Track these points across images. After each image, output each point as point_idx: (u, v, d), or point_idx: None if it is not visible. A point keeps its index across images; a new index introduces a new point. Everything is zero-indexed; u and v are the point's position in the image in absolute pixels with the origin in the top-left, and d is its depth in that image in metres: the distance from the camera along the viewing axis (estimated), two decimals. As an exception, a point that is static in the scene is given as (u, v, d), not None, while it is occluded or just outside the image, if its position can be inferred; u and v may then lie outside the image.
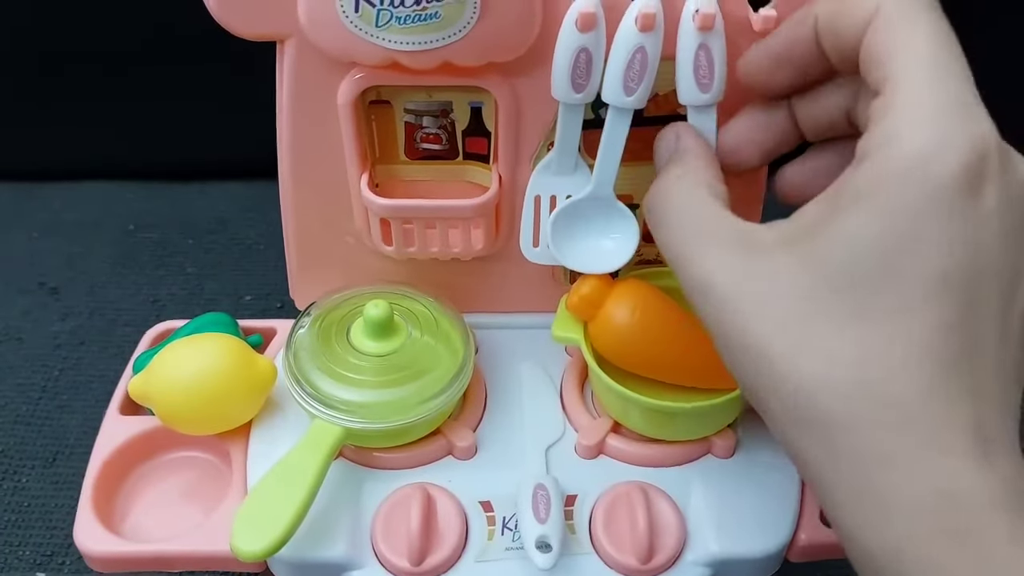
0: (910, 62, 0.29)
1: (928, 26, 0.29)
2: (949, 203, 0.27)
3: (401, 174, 0.45)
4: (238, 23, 0.39)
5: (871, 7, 0.30)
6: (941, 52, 0.29)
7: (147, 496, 0.43)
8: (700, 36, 0.38)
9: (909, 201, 0.27)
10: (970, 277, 0.27)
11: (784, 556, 0.41)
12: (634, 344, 0.41)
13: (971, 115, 0.28)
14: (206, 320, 0.47)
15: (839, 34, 0.32)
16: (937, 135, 0.27)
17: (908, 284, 0.27)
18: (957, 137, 0.27)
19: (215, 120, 0.74)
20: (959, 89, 0.29)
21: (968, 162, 0.27)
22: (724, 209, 0.33)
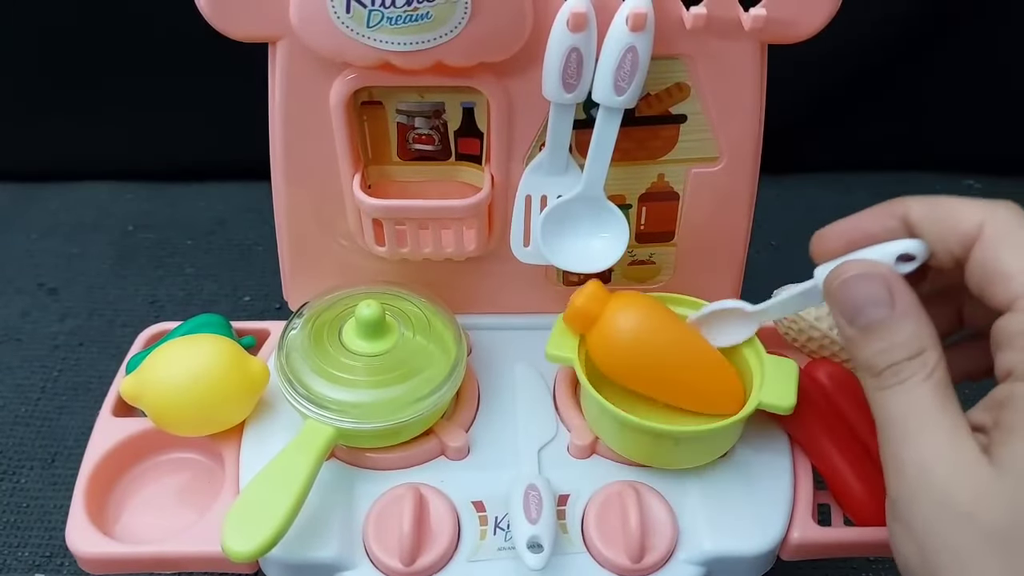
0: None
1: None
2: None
3: (393, 175, 0.45)
4: (229, 25, 0.39)
5: (975, 222, 0.32)
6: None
7: (140, 498, 0.43)
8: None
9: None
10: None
11: (777, 554, 0.41)
12: (632, 356, 0.41)
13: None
14: (199, 321, 0.47)
15: (942, 242, 0.33)
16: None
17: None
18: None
19: (214, 121, 0.75)
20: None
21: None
22: (967, 425, 0.31)
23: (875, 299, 0.33)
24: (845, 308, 0.33)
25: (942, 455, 0.30)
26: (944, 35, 0.74)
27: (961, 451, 0.30)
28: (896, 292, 0.33)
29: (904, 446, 0.31)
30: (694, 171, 0.45)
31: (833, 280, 0.34)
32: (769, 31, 0.40)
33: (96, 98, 0.75)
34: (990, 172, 0.82)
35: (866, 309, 0.33)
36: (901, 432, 0.31)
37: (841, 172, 0.82)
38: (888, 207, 0.35)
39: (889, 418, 0.32)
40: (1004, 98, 0.77)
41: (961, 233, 0.32)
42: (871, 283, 0.33)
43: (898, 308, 0.32)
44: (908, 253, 0.33)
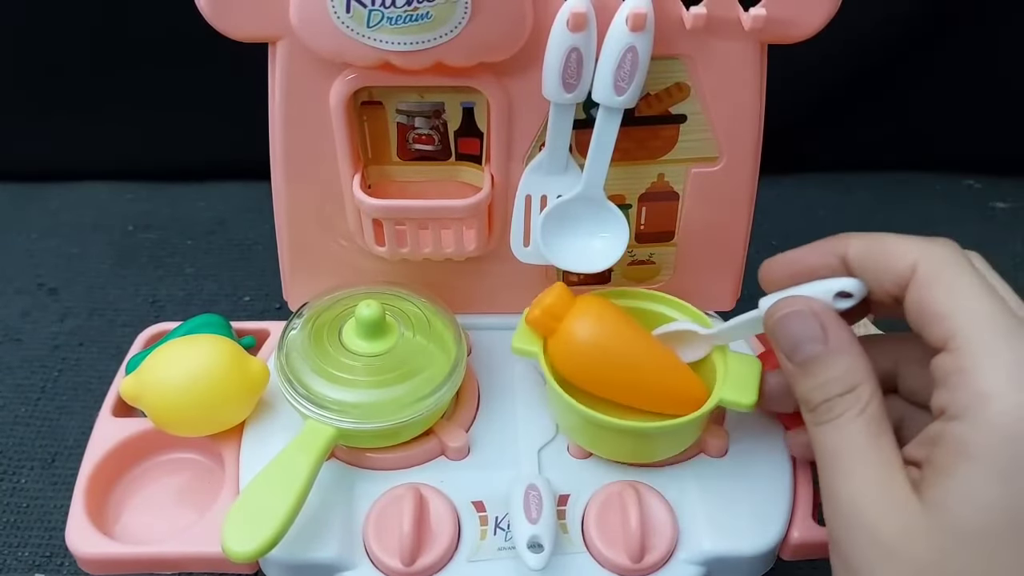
0: (973, 320, 0.31)
1: (975, 282, 0.31)
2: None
3: (393, 175, 0.45)
4: (229, 25, 0.39)
5: (909, 261, 0.33)
6: (996, 306, 0.31)
7: (140, 498, 0.43)
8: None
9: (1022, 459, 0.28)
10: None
11: (777, 554, 0.41)
12: (591, 361, 0.41)
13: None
14: (199, 322, 0.47)
15: (877, 281, 0.34)
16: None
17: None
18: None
19: (214, 121, 0.74)
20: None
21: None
22: (900, 460, 0.32)
23: (810, 336, 0.34)
24: (783, 343, 0.35)
25: (872, 491, 0.31)
26: (944, 35, 0.74)
27: (891, 487, 0.30)
28: (830, 329, 0.34)
29: (837, 482, 0.32)
30: (694, 171, 0.45)
31: (771, 316, 0.35)
32: (769, 31, 0.40)
33: (96, 98, 0.75)
34: (990, 172, 0.82)
35: (802, 345, 0.34)
36: (834, 468, 0.32)
37: (841, 172, 0.82)
38: (829, 244, 0.36)
39: (824, 453, 0.33)
40: (1004, 98, 0.77)
41: (896, 273, 0.33)
42: (806, 320, 0.34)
43: (831, 344, 0.33)
44: (845, 291, 0.34)
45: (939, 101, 0.77)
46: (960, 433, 0.29)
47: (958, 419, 0.30)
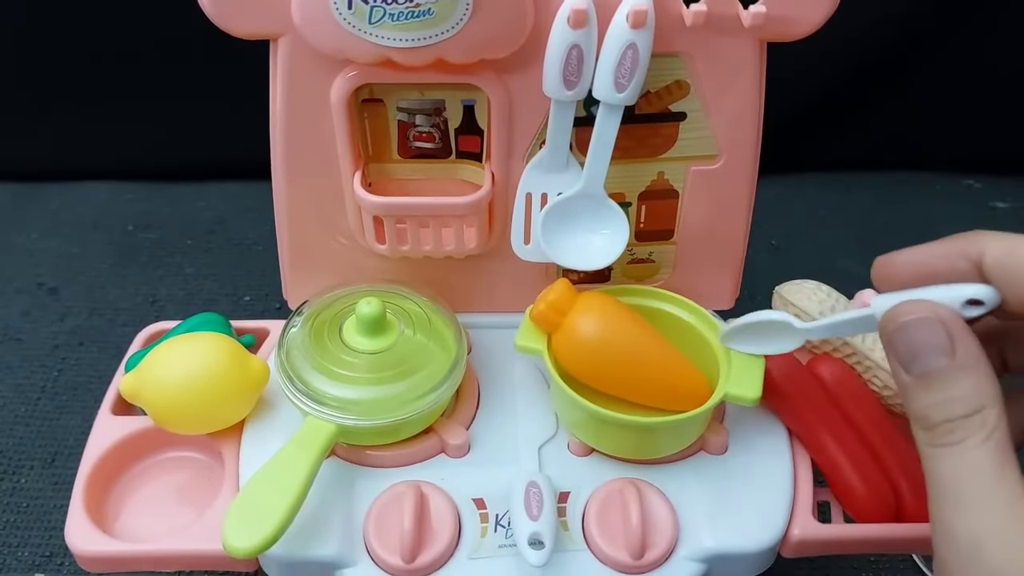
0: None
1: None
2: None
3: (394, 173, 0.45)
4: (231, 22, 0.39)
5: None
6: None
7: (139, 496, 0.43)
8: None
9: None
10: None
11: (777, 551, 0.41)
12: (595, 356, 0.41)
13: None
14: (199, 320, 0.47)
15: (1018, 293, 0.31)
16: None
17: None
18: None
19: (214, 121, 0.75)
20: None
21: None
22: (1019, 489, 0.29)
23: (935, 347, 0.30)
24: (901, 352, 0.31)
25: (997, 532, 0.28)
26: (944, 35, 0.74)
27: (1018, 529, 0.28)
28: (959, 341, 0.30)
29: (957, 515, 0.29)
30: (693, 169, 0.45)
31: (891, 321, 0.32)
32: (768, 29, 0.40)
33: (96, 98, 0.75)
34: (990, 172, 0.83)
35: (924, 356, 0.30)
36: (954, 498, 0.29)
37: (841, 172, 0.83)
38: (961, 245, 0.32)
39: (941, 480, 0.29)
40: (1004, 98, 0.77)
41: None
42: (932, 329, 0.30)
43: (959, 358, 0.30)
44: (977, 299, 0.31)
45: (939, 101, 0.78)
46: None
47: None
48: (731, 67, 0.42)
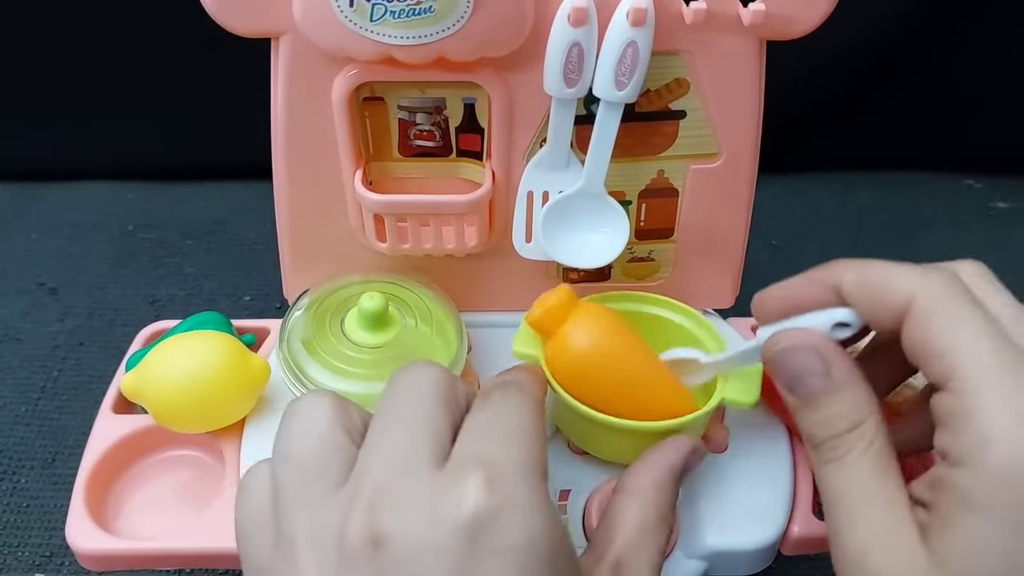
0: (972, 359, 0.29)
1: (974, 316, 0.30)
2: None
3: (395, 171, 0.45)
4: (233, 20, 0.40)
5: (904, 295, 0.31)
6: (996, 342, 0.29)
7: (140, 494, 0.43)
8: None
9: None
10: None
11: (777, 549, 0.41)
12: (582, 372, 0.39)
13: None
14: (200, 319, 0.47)
15: (872, 315, 0.33)
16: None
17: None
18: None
19: (214, 120, 0.75)
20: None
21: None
22: (907, 502, 0.31)
23: (811, 370, 0.33)
24: (783, 378, 0.34)
25: (879, 539, 0.30)
26: (944, 34, 0.74)
27: (899, 535, 0.29)
28: (832, 362, 0.33)
29: (844, 526, 0.31)
30: (693, 167, 0.45)
31: (770, 348, 0.35)
32: (768, 27, 0.40)
33: (96, 97, 0.75)
34: (990, 172, 0.83)
35: (803, 379, 0.33)
36: (840, 511, 0.31)
37: (841, 172, 0.83)
38: (821, 275, 0.35)
39: (830, 495, 0.32)
40: (1004, 98, 0.77)
41: (891, 306, 0.31)
42: (806, 354, 0.33)
43: (834, 378, 0.32)
44: (842, 321, 0.33)
45: (939, 101, 0.78)
46: (962, 481, 0.28)
47: (960, 466, 0.28)
48: (731, 65, 0.42)
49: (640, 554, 0.34)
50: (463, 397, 0.33)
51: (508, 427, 0.32)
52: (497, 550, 0.27)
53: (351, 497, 0.29)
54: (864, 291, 0.33)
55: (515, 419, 0.32)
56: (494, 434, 0.31)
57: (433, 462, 0.29)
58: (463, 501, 0.27)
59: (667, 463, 0.37)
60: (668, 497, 0.36)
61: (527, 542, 0.27)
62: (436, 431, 0.30)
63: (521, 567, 0.27)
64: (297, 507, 0.29)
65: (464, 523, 0.27)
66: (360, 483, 0.29)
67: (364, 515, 0.28)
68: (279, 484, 0.30)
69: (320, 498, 0.29)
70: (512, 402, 0.33)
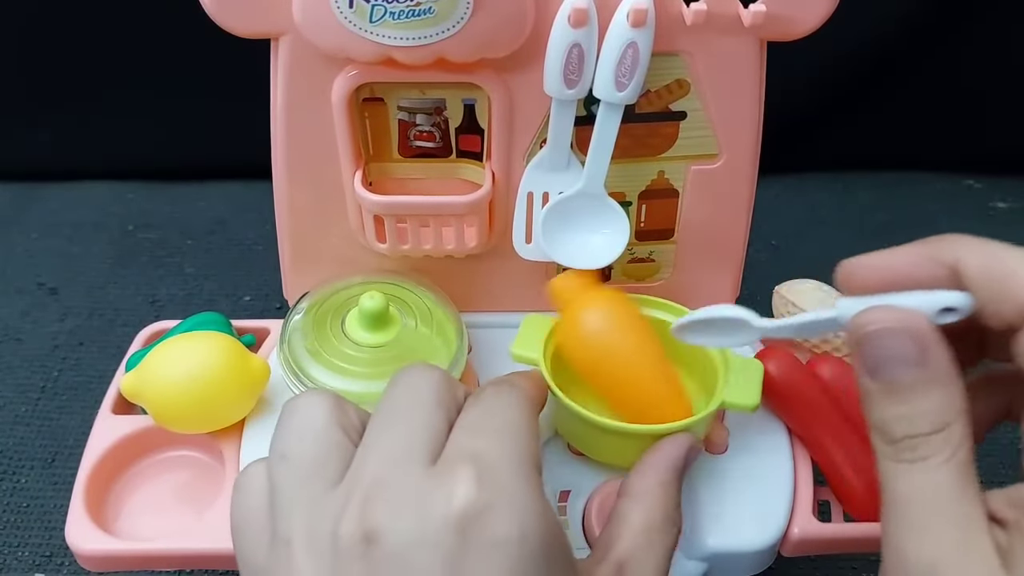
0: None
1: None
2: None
3: (394, 172, 0.45)
4: (233, 21, 0.40)
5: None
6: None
7: (140, 495, 0.43)
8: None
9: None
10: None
11: (777, 550, 0.41)
12: (593, 355, 0.39)
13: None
14: (199, 320, 0.47)
15: (994, 306, 0.29)
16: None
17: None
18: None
19: (214, 121, 0.75)
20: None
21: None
22: (986, 520, 0.28)
23: (905, 357, 0.29)
24: (868, 359, 0.30)
25: (953, 558, 0.27)
26: (944, 34, 0.74)
27: (976, 554, 0.26)
28: (931, 352, 0.28)
29: (911, 537, 0.27)
30: (694, 168, 0.45)
31: (861, 326, 0.30)
32: (768, 28, 0.40)
33: (96, 97, 0.75)
34: (990, 172, 0.83)
35: (891, 365, 0.29)
36: (909, 519, 0.28)
37: (841, 172, 0.83)
38: (936, 250, 0.30)
39: (898, 498, 0.28)
40: (1005, 98, 0.77)
41: (1019, 303, 0.28)
42: (904, 339, 0.29)
43: (930, 371, 0.28)
44: (952, 306, 0.29)
45: (940, 101, 0.78)
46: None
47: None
48: (731, 66, 0.42)
49: (646, 556, 0.33)
50: (462, 399, 0.33)
51: (499, 423, 0.31)
52: (488, 544, 0.27)
53: (346, 495, 0.28)
54: (991, 278, 0.29)
55: (507, 415, 0.32)
56: (485, 429, 0.31)
57: (427, 460, 0.29)
58: (453, 495, 0.27)
59: (669, 463, 0.36)
60: (673, 497, 0.35)
61: (519, 536, 0.27)
62: (433, 431, 0.30)
63: (513, 561, 0.27)
64: (293, 506, 0.29)
65: (455, 517, 0.27)
66: (355, 481, 0.29)
67: (357, 512, 0.28)
68: (276, 483, 0.30)
69: (316, 496, 0.29)
70: (504, 399, 0.33)
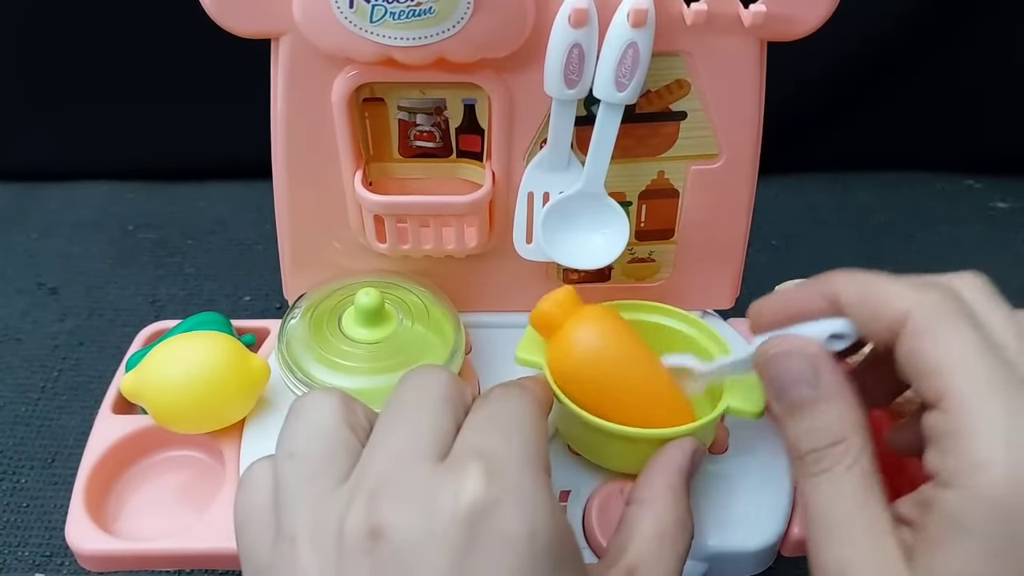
0: (966, 379, 0.28)
1: (970, 335, 0.29)
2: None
3: (395, 172, 0.45)
4: (233, 21, 0.40)
5: (901, 310, 0.30)
6: (992, 363, 0.28)
7: (140, 495, 0.43)
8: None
9: (1018, 534, 0.27)
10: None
11: (777, 550, 0.41)
12: (586, 372, 0.39)
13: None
14: (200, 319, 0.47)
15: (868, 329, 0.32)
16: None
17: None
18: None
19: (214, 121, 0.75)
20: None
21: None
22: (890, 522, 0.30)
23: (800, 378, 0.32)
24: (772, 384, 0.33)
25: (860, 559, 0.29)
26: (945, 34, 0.74)
27: (882, 557, 0.29)
28: (822, 372, 0.32)
29: (824, 545, 0.30)
30: (694, 168, 0.45)
31: (762, 355, 0.34)
32: (768, 28, 0.40)
33: (96, 98, 0.75)
34: (990, 172, 0.83)
35: (791, 387, 0.32)
36: (821, 527, 0.30)
37: (841, 172, 0.83)
38: (819, 285, 0.34)
39: (812, 512, 0.31)
40: (1005, 98, 0.77)
41: (887, 321, 0.31)
42: (797, 361, 0.33)
43: (823, 389, 0.32)
44: (838, 333, 0.33)
45: (940, 101, 0.78)
46: (951, 504, 0.27)
47: (950, 487, 0.28)
48: (731, 66, 0.42)
49: (657, 562, 0.33)
50: (470, 400, 0.33)
51: (508, 422, 0.32)
52: (497, 540, 0.27)
53: (352, 491, 0.28)
54: (862, 303, 0.32)
55: (515, 414, 0.32)
56: (494, 428, 0.31)
57: (435, 457, 0.29)
58: (462, 492, 0.27)
59: (676, 466, 0.36)
60: (683, 501, 0.36)
61: (528, 533, 0.27)
62: (440, 429, 0.30)
63: (522, 557, 0.27)
64: (299, 503, 0.29)
65: (463, 513, 0.27)
66: (362, 478, 0.29)
67: (364, 508, 0.28)
68: (281, 480, 0.30)
69: (322, 493, 0.29)
70: (512, 400, 0.33)
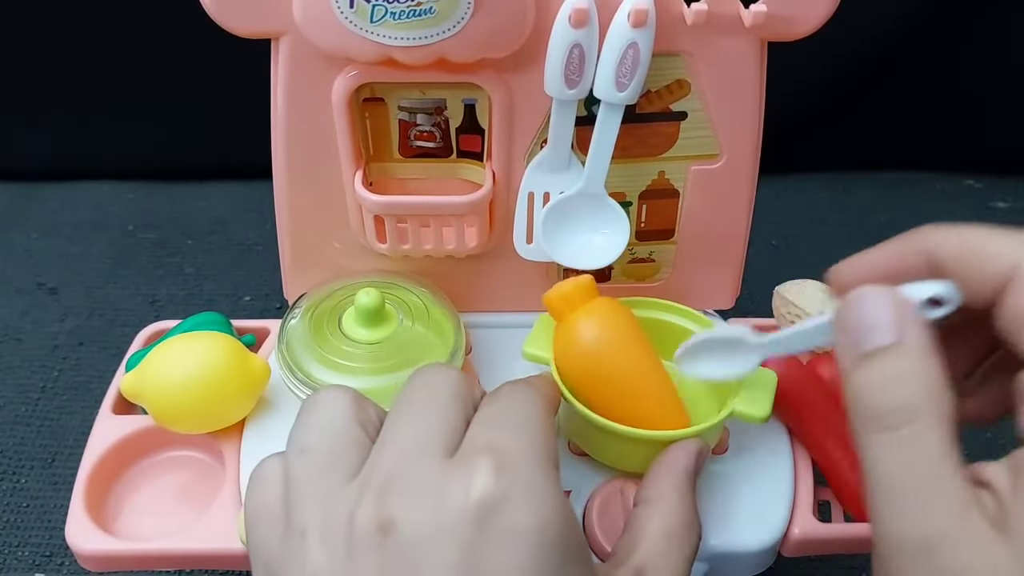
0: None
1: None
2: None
3: (395, 172, 0.45)
4: (233, 20, 0.40)
5: (1007, 263, 0.28)
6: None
7: (140, 495, 0.43)
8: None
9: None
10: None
11: (778, 550, 0.41)
12: (589, 362, 0.39)
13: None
14: (200, 320, 0.47)
15: (972, 285, 0.29)
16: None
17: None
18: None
19: (214, 121, 0.75)
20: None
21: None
22: (972, 489, 0.26)
23: (885, 324, 0.28)
24: (849, 328, 0.29)
25: (951, 531, 0.25)
26: (945, 34, 0.74)
27: (973, 526, 0.25)
28: (910, 324, 0.28)
29: (901, 515, 0.26)
30: (694, 168, 0.45)
31: (844, 304, 0.30)
32: (769, 28, 0.40)
33: (96, 98, 0.75)
34: (990, 172, 0.83)
35: (872, 333, 0.28)
36: (898, 496, 0.26)
37: (841, 172, 0.83)
38: (912, 241, 0.31)
39: (881, 474, 0.27)
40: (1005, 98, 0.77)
41: (992, 276, 0.28)
42: (884, 306, 0.28)
43: (909, 341, 0.28)
44: (937, 297, 0.29)
45: (940, 101, 0.78)
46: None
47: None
48: (732, 66, 0.42)
49: (665, 561, 0.33)
50: (479, 398, 0.33)
51: (517, 417, 0.32)
52: (506, 534, 0.27)
53: (362, 486, 0.29)
54: (963, 259, 0.29)
55: (524, 410, 0.32)
56: (504, 424, 0.31)
57: (445, 453, 0.29)
58: (471, 486, 0.27)
59: (682, 467, 0.36)
60: (690, 501, 0.35)
61: (537, 526, 0.27)
62: (449, 426, 0.30)
63: (531, 551, 0.27)
64: (309, 499, 0.29)
65: (472, 508, 0.27)
66: (372, 473, 0.29)
67: (373, 503, 0.28)
68: (292, 476, 0.30)
69: (332, 488, 0.29)
70: (520, 396, 0.33)
